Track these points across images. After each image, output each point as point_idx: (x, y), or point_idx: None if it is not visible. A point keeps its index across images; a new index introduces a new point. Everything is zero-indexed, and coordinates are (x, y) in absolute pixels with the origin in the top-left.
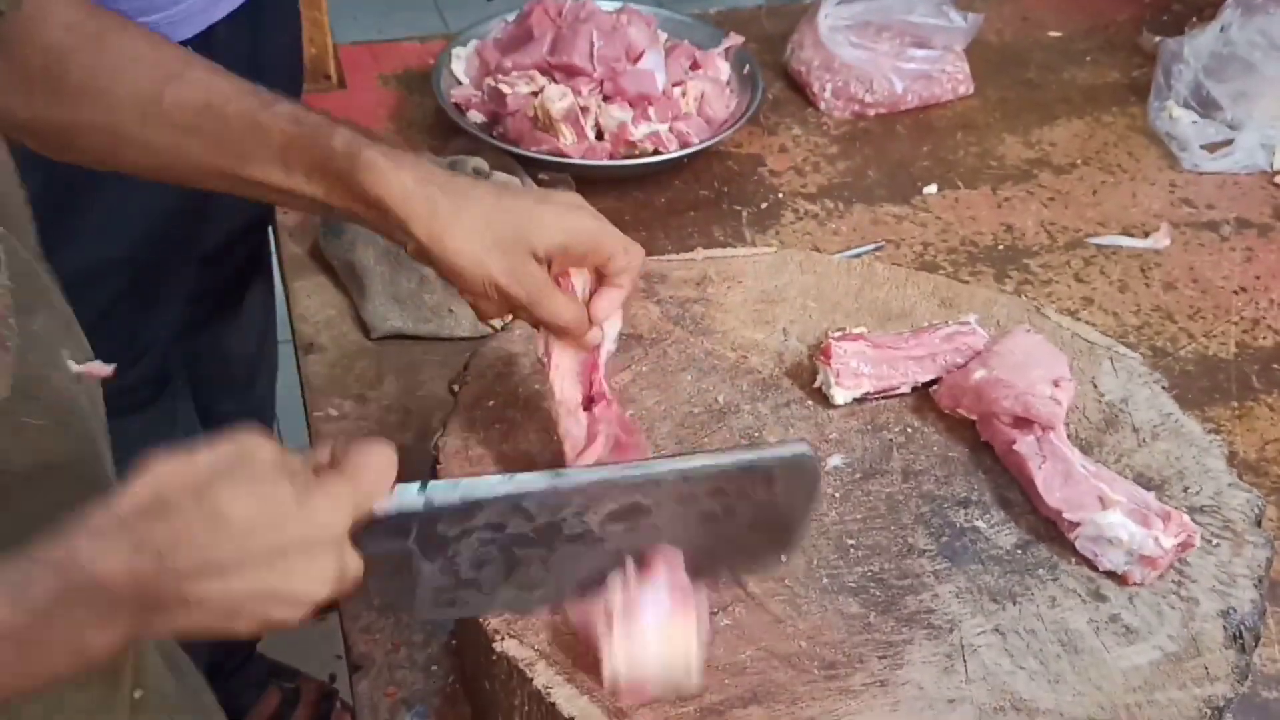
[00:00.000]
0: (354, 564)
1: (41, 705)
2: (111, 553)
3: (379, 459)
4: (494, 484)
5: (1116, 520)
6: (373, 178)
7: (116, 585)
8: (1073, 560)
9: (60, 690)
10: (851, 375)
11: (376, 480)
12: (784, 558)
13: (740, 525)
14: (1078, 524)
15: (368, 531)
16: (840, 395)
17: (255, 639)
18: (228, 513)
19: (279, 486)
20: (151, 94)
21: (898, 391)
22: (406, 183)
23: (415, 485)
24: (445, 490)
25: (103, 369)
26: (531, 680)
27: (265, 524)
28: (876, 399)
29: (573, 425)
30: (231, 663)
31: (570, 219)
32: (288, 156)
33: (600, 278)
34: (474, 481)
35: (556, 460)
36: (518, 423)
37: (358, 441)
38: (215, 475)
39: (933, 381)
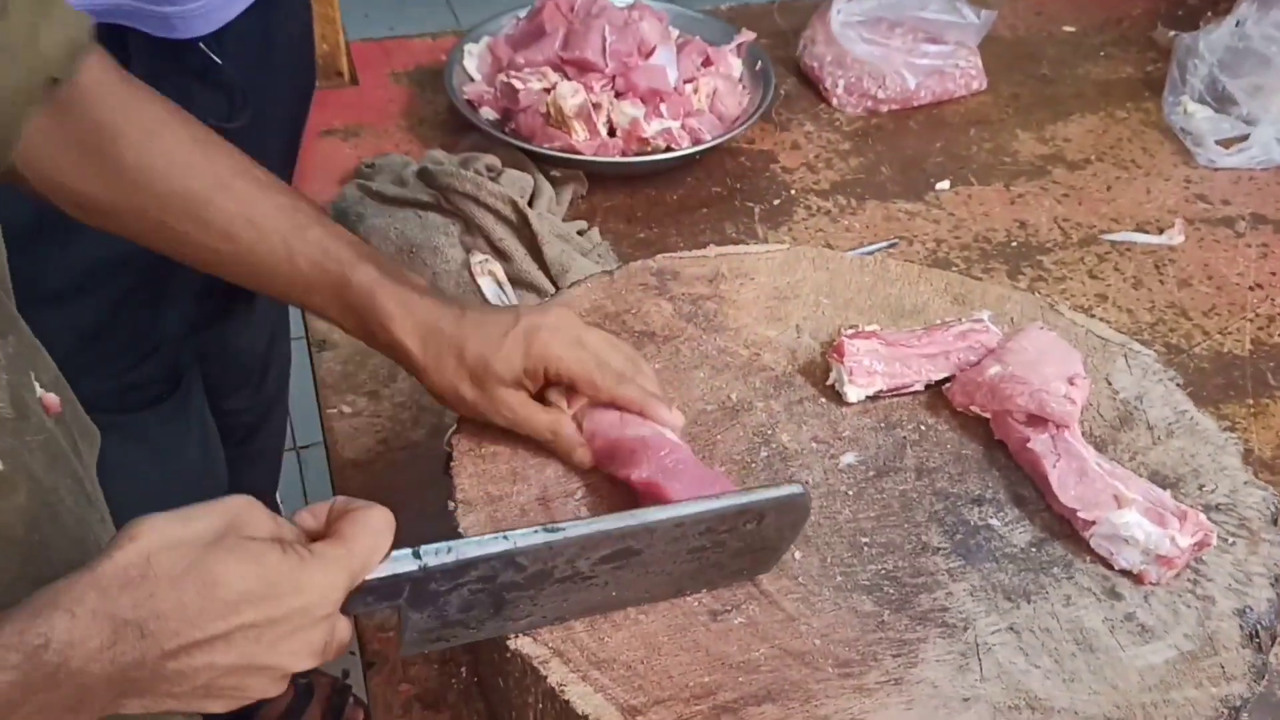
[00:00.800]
0: (343, 632)
1: None
2: (91, 636)
3: (376, 526)
4: (487, 543)
5: (1132, 519)
6: (383, 321)
7: (91, 667)
8: (1088, 558)
9: None
10: (864, 373)
11: (373, 549)
12: (759, 576)
13: (725, 554)
14: (1092, 523)
15: (356, 596)
16: (853, 393)
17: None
18: (220, 582)
19: (273, 556)
20: (201, 198)
21: (911, 389)
22: (409, 328)
23: (408, 552)
24: (440, 554)
25: (53, 401)
26: (545, 678)
27: (258, 596)
28: (890, 396)
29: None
30: None
31: (536, 348)
32: (310, 283)
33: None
34: (467, 543)
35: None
36: None
37: (354, 510)
38: (208, 543)
39: (946, 379)
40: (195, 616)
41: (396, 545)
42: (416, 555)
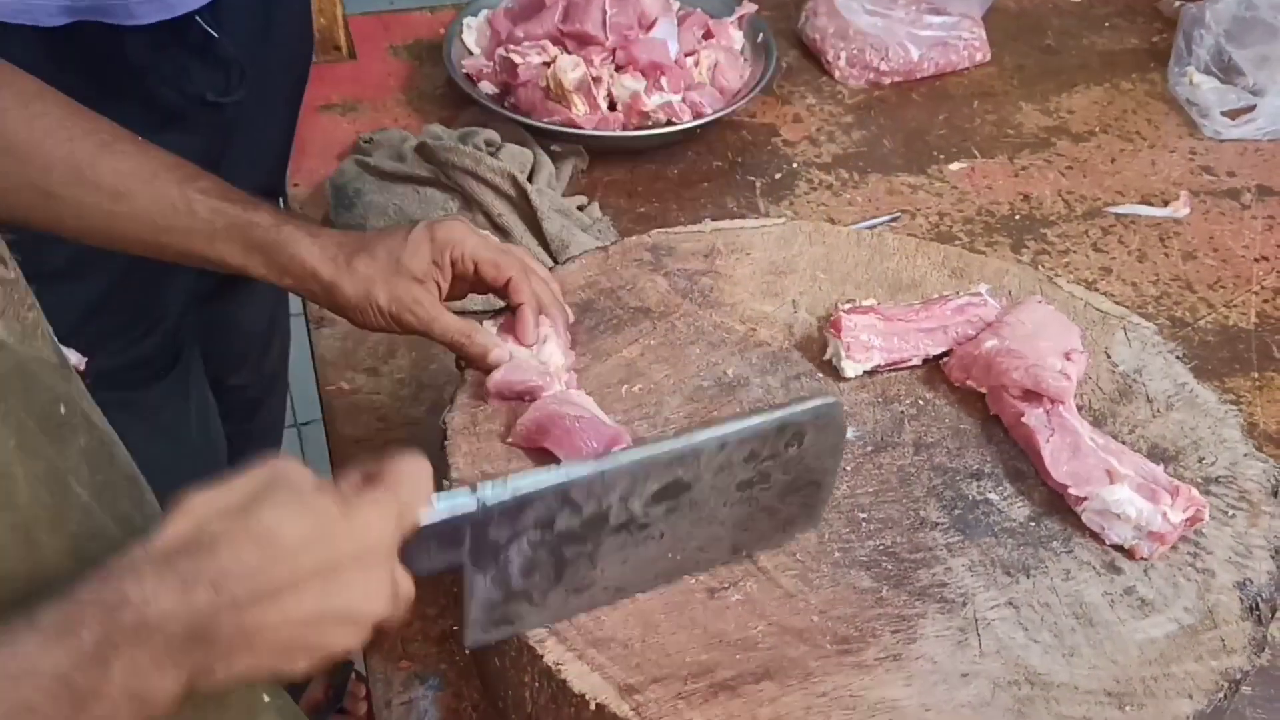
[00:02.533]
0: (405, 582)
1: None
2: (163, 591)
3: (415, 468)
4: (541, 477)
5: (1124, 495)
6: (291, 249)
7: (173, 624)
8: (1087, 533)
9: None
10: (862, 348)
11: (416, 489)
12: (815, 522)
13: (774, 493)
14: (1084, 498)
15: (417, 547)
16: (850, 368)
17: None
18: (276, 532)
19: (322, 502)
20: (85, 158)
21: (908, 364)
22: (315, 251)
23: (465, 489)
24: (496, 489)
25: (76, 358)
26: (542, 657)
27: (315, 540)
28: (887, 371)
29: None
30: None
31: (440, 234)
32: (213, 229)
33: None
34: (520, 476)
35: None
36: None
37: (390, 456)
38: (255, 499)
39: (944, 354)
40: (259, 570)
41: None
42: (474, 490)
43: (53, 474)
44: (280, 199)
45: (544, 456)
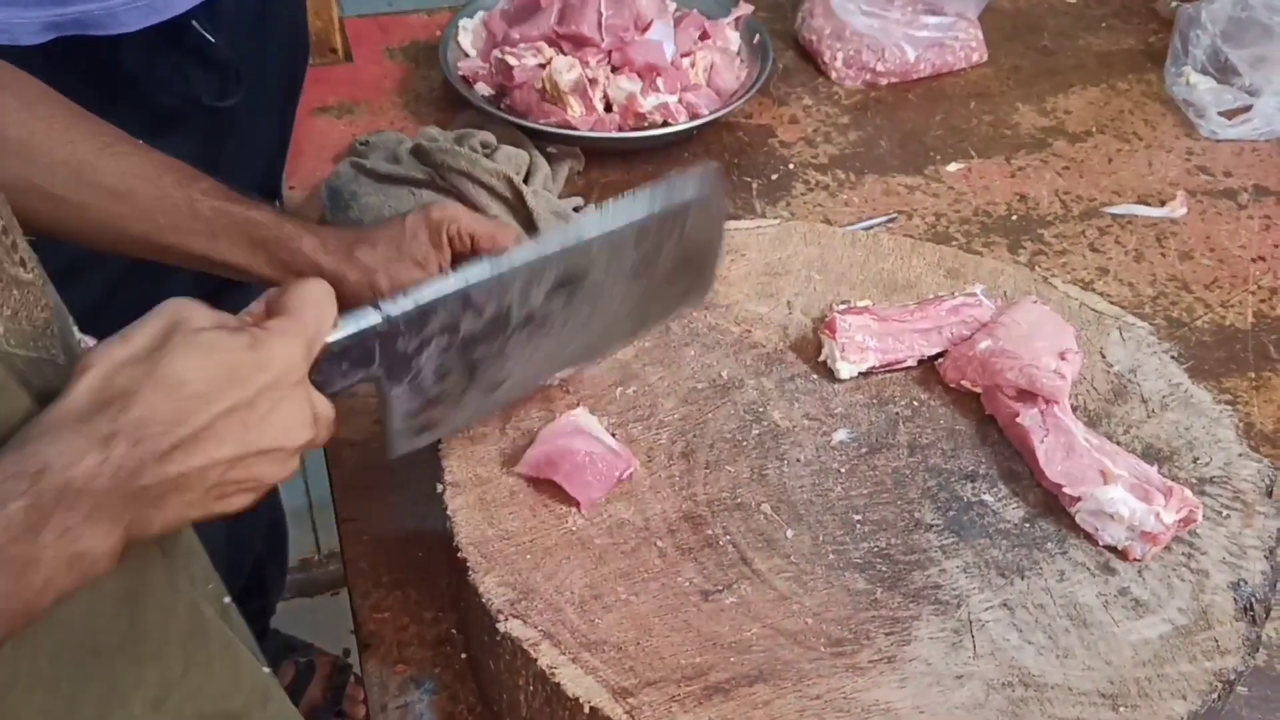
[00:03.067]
0: (323, 405)
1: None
2: (83, 453)
3: (315, 293)
4: (441, 285)
5: (1118, 495)
6: (294, 245)
7: (98, 482)
8: (1081, 534)
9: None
10: (857, 349)
11: (320, 313)
12: (707, 287)
13: (663, 277)
14: (1078, 498)
15: (329, 368)
16: (845, 369)
17: (270, 613)
18: (185, 377)
19: (225, 341)
20: (87, 160)
21: (903, 365)
22: (316, 245)
23: (367, 308)
24: (400, 302)
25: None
26: (536, 660)
27: (224, 380)
28: (882, 372)
29: None
30: None
31: (435, 215)
32: (215, 227)
33: None
34: (421, 287)
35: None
36: None
37: (289, 287)
38: (159, 346)
39: (939, 354)
40: (174, 417)
41: (396, 523)
42: (376, 307)
43: None
44: (276, 201)
45: (551, 488)
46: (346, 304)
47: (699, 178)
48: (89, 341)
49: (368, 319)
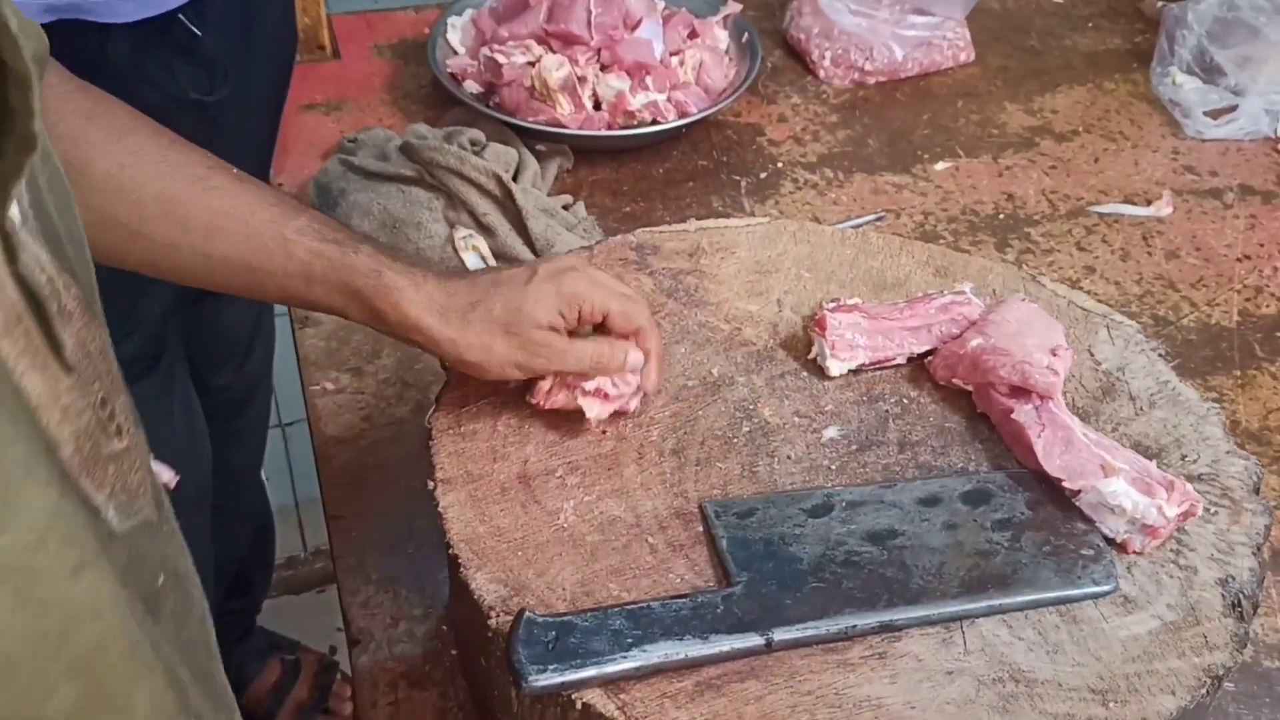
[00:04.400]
0: None
1: None
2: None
3: None
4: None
5: (1120, 488)
6: (395, 300)
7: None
8: None
9: None
10: (846, 346)
11: None
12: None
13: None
14: (1078, 491)
15: None
16: (835, 367)
17: (256, 611)
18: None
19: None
20: (178, 196)
21: (893, 362)
22: (423, 302)
23: None
24: None
25: (169, 477)
26: None
27: None
28: (872, 370)
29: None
30: (232, 635)
31: (566, 288)
32: (310, 271)
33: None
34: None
35: (551, 426)
36: (509, 396)
37: None
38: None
39: (928, 352)
40: None
41: (385, 520)
42: None
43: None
44: None
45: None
46: (462, 368)
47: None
48: (164, 472)
49: None
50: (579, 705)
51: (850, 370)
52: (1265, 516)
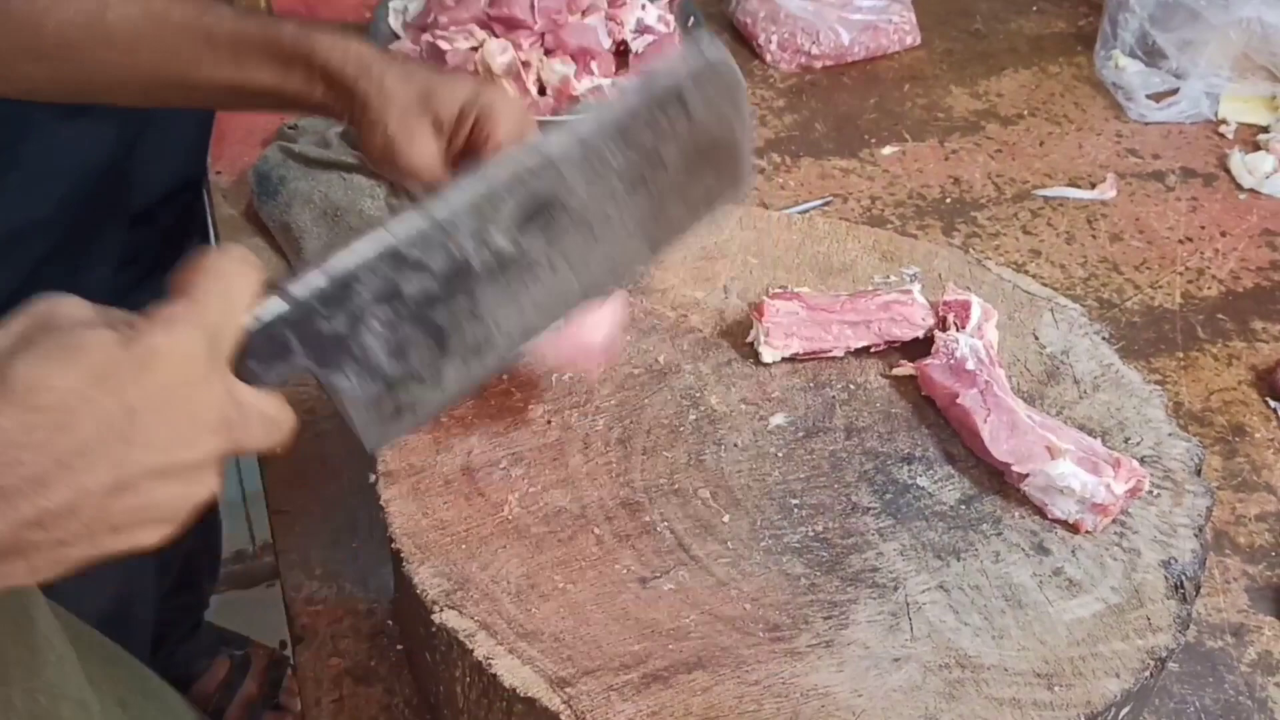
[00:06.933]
0: (252, 400)
1: None
2: None
3: (224, 265)
4: (357, 248)
5: (1068, 470)
6: (324, 57)
7: None
8: (1016, 514)
9: None
10: (782, 334)
11: (227, 292)
12: (740, 186)
13: (675, 174)
14: (1026, 475)
15: (239, 361)
16: (768, 354)
17: (203, 606)
18: (40, 388)
19: (96, 339)
20: (94, 14)
21: (829, 354)
22: (350, 57)
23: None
24: (306, 280)
25: None
26: (472, 651)
27: (92, 385)
28: (807, 360)
29: None
30: (178, 632)
31: (484, 105)
32: (239, 51)
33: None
34: (333, 255)
35: (495, 417)
36: None
37: (196, 259)
38: (14, 352)
39: (867, 347)
40: (26, 439)
41: (329, 515)
42: (279, 286)
43: None
44: (203, 188)
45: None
46: (356, 125)
47: (692, 51)
48: None
49: (271, 308)
50: (524, 699)
51: (785, 358)
52: (1207, 498)
